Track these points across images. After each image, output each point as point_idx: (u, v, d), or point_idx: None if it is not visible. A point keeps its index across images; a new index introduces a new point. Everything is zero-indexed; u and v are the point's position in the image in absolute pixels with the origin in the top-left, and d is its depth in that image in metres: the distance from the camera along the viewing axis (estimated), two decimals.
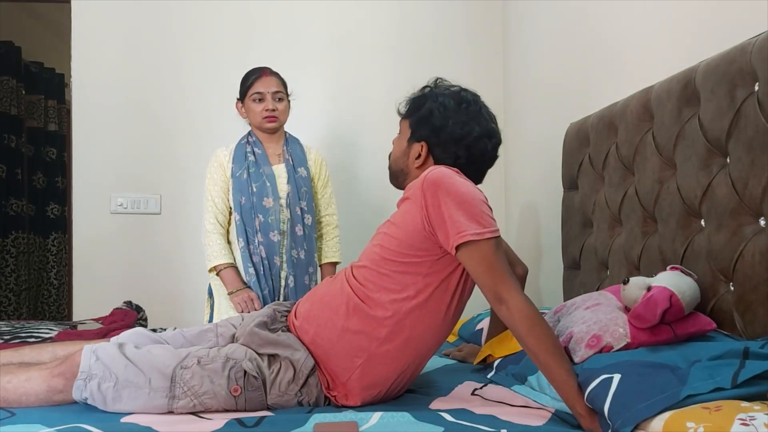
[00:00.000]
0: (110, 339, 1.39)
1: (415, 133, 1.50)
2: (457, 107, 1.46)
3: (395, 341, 1.33)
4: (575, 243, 2.10)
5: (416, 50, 3.04)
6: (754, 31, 1.33)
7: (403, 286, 1.32)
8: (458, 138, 1.44)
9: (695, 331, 1.25)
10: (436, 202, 1.27)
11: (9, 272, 4.10)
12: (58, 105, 4.56)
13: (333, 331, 1.35)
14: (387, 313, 1.32)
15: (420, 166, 1.48)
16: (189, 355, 1.30)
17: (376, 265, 1.35)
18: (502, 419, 1.18)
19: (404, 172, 1.53)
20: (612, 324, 1.29)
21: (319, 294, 1.45)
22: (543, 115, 2.63)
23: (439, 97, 1.48)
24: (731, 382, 0.96)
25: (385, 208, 3.04)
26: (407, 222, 1.33)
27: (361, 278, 1.37)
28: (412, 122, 1.51)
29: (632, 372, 1.08)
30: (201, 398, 1.24)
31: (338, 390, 1.34)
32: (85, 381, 1.23)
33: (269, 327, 1.41)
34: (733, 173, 1.33)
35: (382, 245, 1.37)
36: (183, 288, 2.84)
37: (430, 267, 1.32)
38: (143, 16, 2.87)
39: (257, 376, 1.28)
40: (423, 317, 1.33)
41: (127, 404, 1.23)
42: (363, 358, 1.32)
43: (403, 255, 1.33)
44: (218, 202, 2.19)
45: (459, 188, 1.29)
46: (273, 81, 2.20)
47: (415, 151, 1.49)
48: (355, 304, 1.35)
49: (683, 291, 1.24)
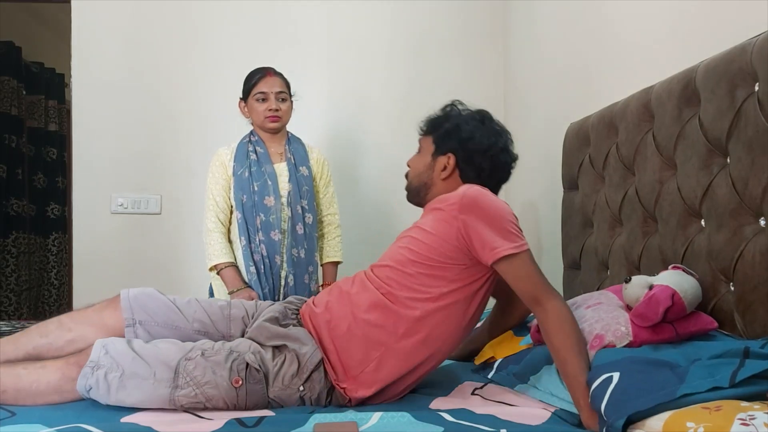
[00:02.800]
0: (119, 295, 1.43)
1: (440, 146, 1.58)
2: (481, 123, 1.57)
3: (412, 339, 1.37)
4: (575, 243, 2.10)
5: (417, 50, 3.05)
6: (754, 31, 1.33)
7: (427, 288, 1.38)
8: (485, 149, 1.54)
9: (697, 330, 1.25)
10: (474, 218, 1.36)
11: (9, 272, 4.10)
12: (58, 105, 4.57)
13: (352, 322, 1.38)
14: (407, 311, 1.37)
15: (446, 178, 1.56)
16: (194, 347, 1.32)
17: (402, 265, 1.41)
18: (502, 419, 1.18)
19: (427, 186, 1.59)
20: (614, 323, 1.29)
21: (341, 288, 1.48)
22: (543, 115, 2.63)
23: (463, 113, 1.61)
24: (729, 381, 0.96)
25: (385, 208, 3.06)
26: (439, 231, 1.39)
27: (384, 276, 1.43)
28: (437, 137, 1.60)
29: (632, 370, 1.08)
30: (203, 388, 1.26)
31: (348, 382, 1.35)
32: (93, 369, 1.25)
33: (280, 322, 1.43)
34: (733, 173, 1.33)
35: (409, 248, 1.43)
36: (183, 288, 2.84)
37: (457, 274, 1.39)
38: (143, 16, 2.87)
39: (259, 368, 1.30)
40: (442, 320, 1.39)
41: (131, 394, 1.24)
42: (380, 351, 1.36)
43: (431, 260, 1.39)
44: (219, 201, 2.19)
45: (497, 207, 1.39)
46: (276, 81, 2.20)
47: (441, 164, 1.57)
48: (377, 298, 1.39)
49: (685, 290, 1.24)
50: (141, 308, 1.42)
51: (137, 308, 1.42)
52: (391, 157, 3.04)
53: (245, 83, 2.23)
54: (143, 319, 1.42)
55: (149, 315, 1.43)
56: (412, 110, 3.04)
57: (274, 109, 2.16)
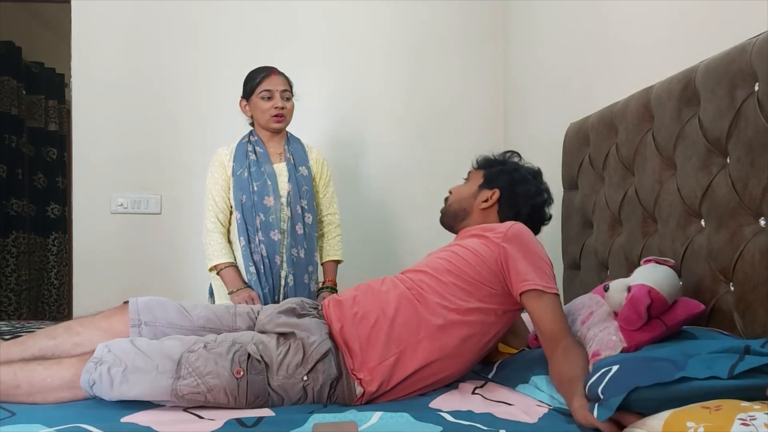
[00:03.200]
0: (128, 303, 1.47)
1: (489, 181, 1.70)
2: (534, 177, 1.72)
3: (431, 343, 1.41)
4: (575, 243, 2.10)
5: (417, 50, 3.05)
6: (754, 31, 1.33)
7: (456, 299, 1.44)
8: (529, 196, 1.67)
9: (686, 317, 1.25)
10: (515, 249, 1.44)
11: (9, 272, 4.10)
12: (58, 105, 4.56)
13: (381, 316, 1.43)
14: (431, 317, 1.42)
15: (485, 209, 1.68)
16: (197, 341, 1.34)
17: (439, 273, 1.48)
18: (500, 418, 1.19)
19: (466, 212, 1.70)
20: (606, 335, 1.29)
21: (370, 286, 1.53)
22: (543, 115, 2.63)
23: (521, 163, 1.75)
24: (728, 372, 0.96)
25: (385, 208, 3.06)
26: (480, 252, 1.47)
27: (417, 280, 1.49)
28: (488, 172, 1.72)
29: (630, 362, 1.09)
30: (204, 378, 1.26)
31: (364, 373, 1.38)
32: (96, 364, 1.26)
33: (298, 313, 1.46)
34: (733, 173, 1.33)
35: (449, 260, 1.50)
36: (183, 288, 2.84)
37: (486, 296, 1.45)
38: (143, 16, 2.87)
39: (261, 359, 1.31)
40: (460, 335, 1.43)
41: (134, 387, 1.25)
42: (401, 348, 1.40)
43: (467, 274, 1.46)
44: (219, 201, 2.19)
45: (537, 247, 1.48)
46: (281, 80, 2.21)
47: (484, 196, 1.68)
48: (407, 299, 1.45)
49: (660, 282, 1.25)
50: (147, 310, 1.46)
51: (143, 310, 1.46)
52: (390, 156, 3.04)
53: (248, 82, 2.23)
54: (148, 319, 1.45)
55: (154, 316, 1.46)
56: (412, 110, 3.08)
57: (279, 107, 2.17)
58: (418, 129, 3.06)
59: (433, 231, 3.00)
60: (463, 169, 1.68)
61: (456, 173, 3.02)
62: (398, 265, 3.02)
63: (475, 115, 3.09)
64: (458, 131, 3.07)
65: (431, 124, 3.07)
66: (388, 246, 3.05)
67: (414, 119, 3.06)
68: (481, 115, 3.10)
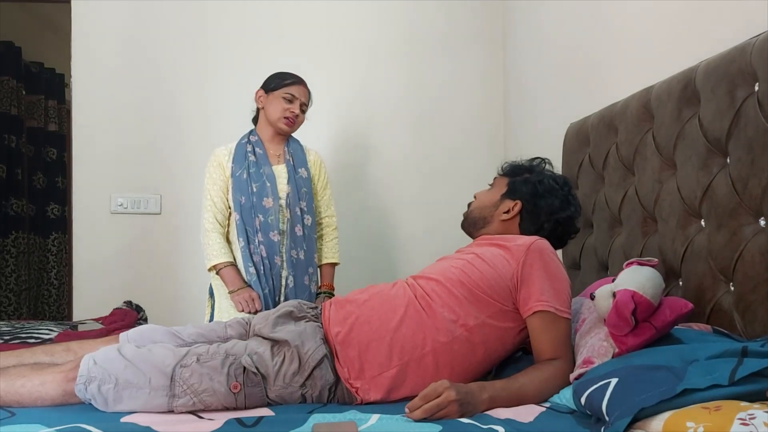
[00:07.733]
0: (119, 335, 1.46)
1: (513, 191, 1.61)
2: (561, 187, 1.60)
3: (434, 359, 1.36)
4: (575, 243, 2.10)
5: (417, 50, 3.05)
6: (754, 31, 1.33)
7: (465, 314, 1.38)
8: (553, 211, 1.57)
9: (675, 318, 1.24)
10: (537, 266, 1.38)
11: (9, 272, 4.10)
12: (58, 105, 4.56)
13: (384, 324, 1.38)
14: (440, 330, 1.36)
15: (505, 220, 1.60)
16: (189, 353, 1.31)
17: (451, 283, 1.41)
18: (497, 417, 1.19)
19: (486, 221, 1.63)
20: (597, 341, 1.29)
21: (378, 291, 1.48)
22: (543, 115, 2.63)
23: (546, 172, 1.64)
24: (729, 378, 0.96)
25: (384, 209, 3.06)
26: (496, 265, 1.41)
27: (428, 289, 1.43)
28: (512, 181, 1.63)
29: (629, 374, 1.08)
30: (200, 396, 1.25)
31: (362, 382, 1.34)
32: (85, 384, 1.23)
33: (295, 316, 1.45)
34: (733, 173, 1.33)
35: (462, 270, 1.43)
36: (183, 288, 2.84)
37: (495, 312, 1.39)
38: (143, 16, 2.87)
39: (257, 372, 1.28)
40: (465, 350, 1.37)
41: (128, 404, 1.23)
42: (403, 360, 1.35)
43: (479, 288, 1.40)
44: (217, 201, 2.19)
45: (559, 269, 1.43)
46: (306, 93, 2.27)
47: (506, 206, 1.60)
48: (415, 309, 1.39)
49: (643, 285, 1.23)
50: (137, 333, 1.47)
51: (132, 333, 1.48)
52: (390, 158, 3.04)
53: (276, 78, 2.24)
54: (138, 339, 1.46)
55: (144, 337, 1.46)
56: (412, 110, 3.07)
57: (294, 114, 2.20)
58: (418, 130, 3.06)
59: (433, 232, 3.02)
60: (463, 169, 1.69)
61: (456, 174, 3.04)
62: (397, 266, 3.04)
63: (476, 116, 3.09)
64: (458, 131, 3.08)
65: (431, 124, 3.07)
66: (387, 247, 3.05)
67: (414, 119, 3.07)
68: (481, 116, 3.10)
